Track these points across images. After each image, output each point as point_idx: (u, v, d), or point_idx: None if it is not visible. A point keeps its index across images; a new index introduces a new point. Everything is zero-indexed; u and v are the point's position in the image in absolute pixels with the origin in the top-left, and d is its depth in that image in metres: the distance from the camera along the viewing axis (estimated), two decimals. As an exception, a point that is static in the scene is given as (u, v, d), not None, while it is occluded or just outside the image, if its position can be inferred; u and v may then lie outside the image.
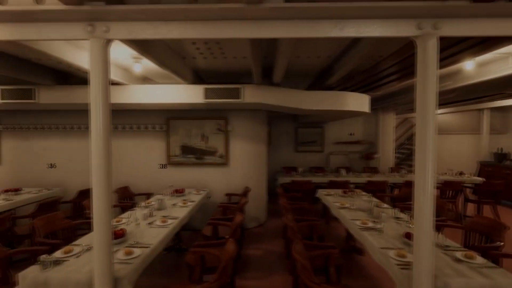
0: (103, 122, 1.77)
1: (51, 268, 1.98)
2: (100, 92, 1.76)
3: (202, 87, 4.10)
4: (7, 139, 5.24)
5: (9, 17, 1.70)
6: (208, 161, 5.14)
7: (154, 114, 5.14)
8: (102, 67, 1.77)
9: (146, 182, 5.14)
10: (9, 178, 5.18)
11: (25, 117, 5.18)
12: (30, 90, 4.15)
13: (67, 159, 5.19)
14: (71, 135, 5.18)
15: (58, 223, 3.16)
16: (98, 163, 1.79)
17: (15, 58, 3.34)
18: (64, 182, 5.14)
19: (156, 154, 5.17)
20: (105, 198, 1.83)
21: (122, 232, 2.50)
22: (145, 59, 3.33)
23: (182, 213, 3.37)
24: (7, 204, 3.92)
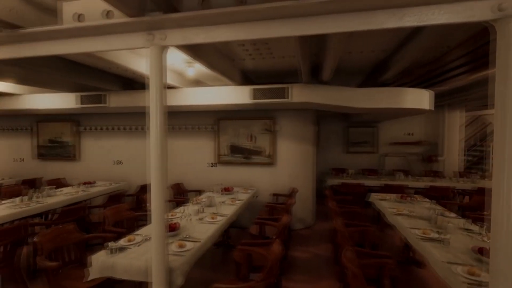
0: (160, 122, 1.91)
1: (117, 254, 2.22)
2: (157, 95, 1.91)
3: (250, 87, 4.17)
4: (85, 138, 6.06)
5: (85, 33, 1.95)
6: (255, 160, 5.20)
7: (205, 115, 5.40)
8: (159, 72, 1.91)
9: (197, 180, 5.43)
10: (86, 172, 5.98)
11: (98, 119, 5.93)
12: (102, 96, 4.73)
13: (131, 156, 5.78)
14: (134, 135, 5.76)
15: (123, 214, 3.54)
16: (155, 161, 1.93)
17: (90, 68, 3.84)
18: (128, 177, 5.74)
19: (206, 153, 5.43)
20: (161, 194, 1.98)
21: (176, 225, 2.68)
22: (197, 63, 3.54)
23: (230, 211, 3.47)
24: (84, 195, 4.53)
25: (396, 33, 2.88)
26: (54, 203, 4.00)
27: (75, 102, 4.88)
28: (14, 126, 6.47)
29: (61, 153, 6.15)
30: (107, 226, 3.18)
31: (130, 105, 4.71)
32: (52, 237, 2.61)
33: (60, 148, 6.15)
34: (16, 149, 6.48)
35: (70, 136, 6.06)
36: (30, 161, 6.37)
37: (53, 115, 6.09)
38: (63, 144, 6.12)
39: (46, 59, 3.17)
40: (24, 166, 6.41)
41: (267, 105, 4.49)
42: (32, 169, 6.32)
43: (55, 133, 6.17)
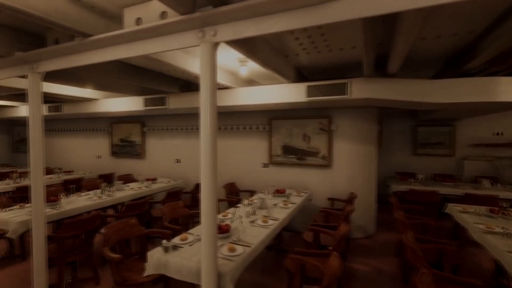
0: (211, 121, 1.85)
1: (170, 253, 2.25)
2: (208, 94, 1.84)
3: (305, 84, 3.92)
4: (149, 138, 6.59)
5: (143, 35, 2.00)
6: (310, 162, 4.92)
7: (257, 114, 5.34)
8: (211, 70, 1.85)
9: (250, 180, 5.40)
10: (150, 169, 6.50)
11: (160, 120, 6.38)
12: (163, 98, 5.04)
13: (188, 155, 6.06)
14: (191, 135, 6.02)
15: (179, 211, 3.67)
16: (206, 160, 1.88)
17: (153, 72, 4.09)
18: (186, 175, 6.03)
19: (259, 153, 5.35)
20: (211, 194, 1.91)
21: (227, 227, 2.62)
22: (250, 61, 3.46)
23: (282, 215, 3.30)
24: (147, 191, 4.89)
25: (489, 8, 2.32)
26: (122, 197, 4.39)
27: (140, 105, 5.30)
28: (94, 127, 7.41)
29: (130, 151, 6.81)
30: (164, 222, 3.33)
31: (187, 106, 4.90)
32: (116, 230, 2.81)
33: (129, 147, 6.81)
34: (96, 147, 7.41)
35: (137, 136, 6.67)
36: (107, 158, 7.21)
37: (123, 117, 6.78)
38: (132, 143, 6.76)
39: (114, 66, 3.47)
40: (102, 162, 7.29)
41: (323, 103, 4.18)
42: (108, 165, 7.15)
43: (125, 133, 6.85)
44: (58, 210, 3.52)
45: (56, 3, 1.93)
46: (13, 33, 2.53)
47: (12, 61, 2.66)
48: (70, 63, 2.45)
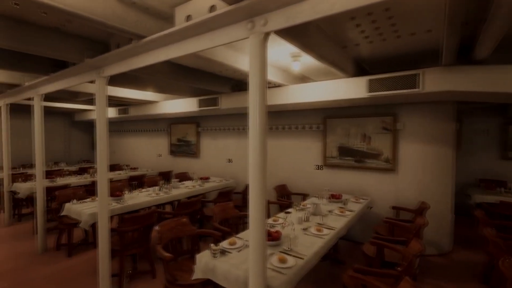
0: (260, 120, 1.68)
1: (218, 257, 2.16)
2: (257, 90, 1.69)
3: (366, 78, 3.50)
4: (203, 138, 6.82)
5: (192, 32, 1.95)
6: (370, 165, 4.42)
7: (310, 113, 5.03)
8: (260, 64, 1.68)
9: (302, 182, 5.13)
10: (204, 168, 6.71)
11: (213, 121, 6.53)
12: (215, 99, 5.11)
13: (240, 155, 6.07)
14: (243, 135, 6.01)
15: (229, 212, 3.62)
16: (255, 161, 1.72)
17: (204, 73, 4.14)
18: (237, 175, 6.04)
19: (312, 155, 5.04)
20: (260, 198, 1.75)
21: (277, 235, 2.43)
22: (304, 56, 3.21)
23: (339, 224, 2.97)
24: (200, 189, 5.01)
25: None
26: (177, 194, 4.57)
27: (195, 106, 5.48)
28: (155, 127, 8.00)
29: (186, 151, 7.15)
30: (214, 223, 3.30)
31: (238, 106, 4.87)
32: (169, 228, 2.87)
33: (185, 146, 7.15)
34: (157, 146, 8.00)
35: (192, 136, 6.95)
36: (166, 157, 7.71)
37: (181, 118, 7.15)
38: (188, 142, 7.08)
39: (169, 68, 3.58)
40: (162, 160, 7.82)
41: (387, 99, 3.69)
42: (167, 163, 7.64)
43: (182, 133, 7.22)
44: (121, 204, 3.80)
45: (114, 8, 2.00)
46: (83, 41, 2.76)
47: (83, 68, 2.92)
48: (129, 66, 2.56)
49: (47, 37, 2.52)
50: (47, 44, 2.55)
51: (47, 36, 2.52)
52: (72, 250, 4.07)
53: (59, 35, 2.58)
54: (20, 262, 3.82)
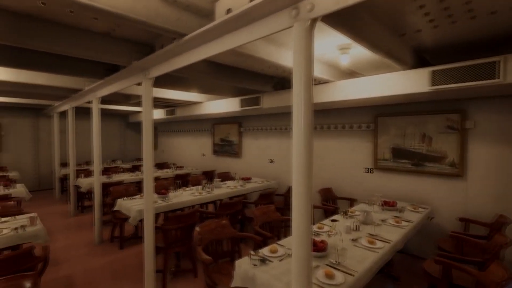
0: (305, 118, 1.50)
1: (259, 266, 2.02)
2: (302, 86, 1.50)
3: (427, 70, 3.05)
4: (245, 138, 6.79)
5: (231, 26, 1.84)
6: (431, 169, 3.88)
7: (359, 111, 4.63)
8: (306, 56, 1.49)
9: (349, 186, 4.75)
10: (246, 168, 6.68)
11: (255, 121, 6.45)
12: (257, 98, 5.01)
13: (282, 156, 5.88)
14: (285, 135, 5.82)
15: (270, 215, 3.47)
16: (299, 164, 1.54)
17: (246, 71, 4.05)
18: (279, 176, 5.87)
19: (361, 156, 4.63)
20: (305, 202, 1.55)
21: (323, 245, 2.21)
22: (354, 47, 2.91)
23: (395, 236, 2.61)
24: (242, 190, 4.95)
25: None
26: (219, 194, 4.57)
27: (237, 106, 5.46)
28: (200, 128, 8.25)
29: (228, 150, 7.21)
30: (255, 226, 3.18)
31: (280, 105, 4.70)
32: (210, 229, 2.82)
33: (228, 146, 7.22)
34: (201, 146, 8.23)
35: (235, 135, 6.98)
36: (210, 156, 7.89)
37: (223, 118, 7.24)
38: (230, 142, 7.13)
39: (210, 67, 3.57)
40: (206, 160, 8.03)
41: (454, 93, 3.17)
42: (210, 162, 7.81)
43: (225, 133, 7.30)
44: (166, 202, 3.91)
45: (156, 8, 1.99)
46: (131, 45, 2.87)
47: (131, 70, 3.04)
48: (172, 66, 2.58)
49: (100, 42, 2.67)
50: (101, 48, 2.69)
51: (100, 41, 2.66)
52: (123, 243, 4.34)
53: (110, 39, 2.71)
54: (80, 251, 4.18)
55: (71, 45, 2.48)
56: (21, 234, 2.71)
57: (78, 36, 2.51)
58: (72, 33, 2.47)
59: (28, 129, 8.44)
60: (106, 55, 2.72)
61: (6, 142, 8.09)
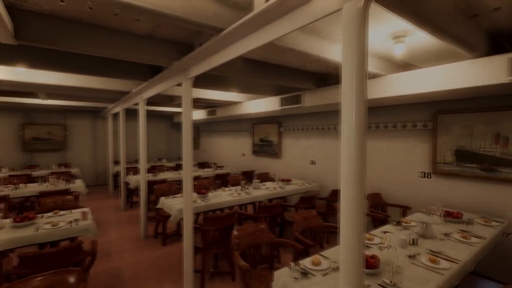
0: (357, 117, 1.27)
1: (300, 280, 1.83)
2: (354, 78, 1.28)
3: (507, 57, 2.53)
4: (285, 138, 6.59)
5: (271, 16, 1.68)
6: (507, 175, 3.27)
7: (414, 108, 4.12)
8: (358, 43, 1.27)
9: (401, 192, 4.26)
10: (285, 169, 6.49)
11: (296, 120, 6.22)
12: (298, 96, 4.78)
13: (324, 157, 5.56)
14: (327, 135, 5.48)
15: (312, 221, 3.24)
16: (349, 167, 1.32)
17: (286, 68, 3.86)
18: (321, 178, 5.56)
19: (415, 159, 4.12)
20: (356, 210, 1.33)
21: (374, 260, 1.93)
22: (411, 35, 2.55)
23: (463, 255, 2.20)
24: (281, 192, 4.77)
25: None
26: (257, 196, 4.45)
27: (277, 105, 5.29)
28: (239, 128, 8.26)
29: (267, 151, 7.08)
30: (295, 232, 2.98)
31: (323, 103, 4.41)
32: (248, 233, 2.71)
33: (267, 146, 7.09)
34: (241, 146, 8.24)
35: (274, 136, 6.82)
36: (249, 156, 7.86)
37: (263, 118, 7.13)
38: (270, 142, 7.00)
39: (249, 66, 3.45)
40: (245, 159, 8.01)
41: (542, 84, 2.60)
42: (250, 162, 7.77)
43: (264, 133, 7.18)
44: (205, 202, 3.91)
45: (193, 4, 1.93)
46: (171, 45, 2.89)
47: (171, 71, 3.07)
48: (211, 64, 2.51)
49: (142, 44, 2.73)
50: (143, 50, 2.75)
51: (143, 43, 2.72)
52: (165, 239, 4.47)
53: (152, 41, 2.76)
54: (127, 245, 4.41)
55: (117, 47, 2.57)
56: (74, 227, 2.90)
57: (123, 39, 2.59)
58: (117, 36, 2.56)
59: (88, 130, 9.34)
60: (149, 56, 2.77)
61: (70, 141, 9.05)
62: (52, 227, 2.83)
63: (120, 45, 2.57)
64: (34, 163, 8.38)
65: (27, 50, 2.99)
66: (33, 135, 8.42)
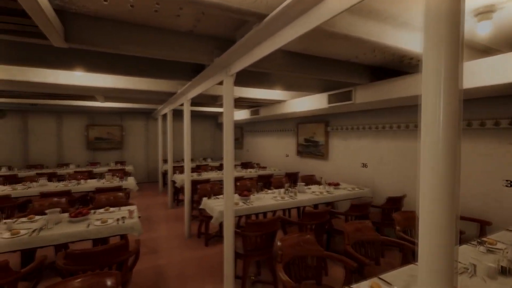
0: (446, 112, 0.93)
1: (355, 310, 1.52)
2: (442, 58, 0.94)
3: None
4: (332, 138, 6.13)
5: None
6: None
7: (495, 103, 3.40)
8: (451, 12, 0.93)
9: (478, 203, 3.56)
10: (333, 172, 6.03)
11: (345, 119, 5.72)
12: (348, 92, 4.34)
13: (377, 160, 4.99)
14: (382, 135, 4.91)
15: (366, 233, 2.83)
16: (434, 172, 0.99)
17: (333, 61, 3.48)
18: (374, 183, 5.00)
19: (498, 165, 3.39)
20: (444, 229, 0.99)
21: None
22: (500, 9, 2.02)
23: None
24: (329, 197, 4.38)
25: None
26: (302, 200, 4.15)
27: (324, 102, 4.91)
28: (283, 127, 7.99)
29: (313, 151, 6.68)
30: (346, 246, 2.63)
31: (378, 99, 3.91)
32: (292, 244, 2.45)
33: (313, 147, 6.69)
34: (284, 146, 7.97)
35: (321, 136, 6.40)
36: (293, 157, 7.54)
37: (308, 117, 6.76)
38: (316, 143, 6.59)
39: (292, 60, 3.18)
40: (289, 160, 7.72)
41: None
42: (294, 163, 7.45)
43: (310, 133, 6.80)
44: (247, 205, 3.75)
45: (233, -11, 1.74)
46: (212, 41, 2.77)
47: (213, 69, 2.96)
48: (252, 58, 2.32)
49: (183, 41, 2.65)
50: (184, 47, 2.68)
51: (183, 40, 2.65)
52: (208, 240, 4.44)
53: (192, 37, 2.68)
54: (172, 243, 4.48)
55: (158, 46, 2.53)
56: (121, 225, 2.96)
57: (163, 36, 2.55)
58: (158, 33, 2.52)
59: (141, 130, 10.00)
60: (189, 54, 2.69)
61: (126, 141, 9.80)
62: (102, 224, 2.93)
63: (161, 43, 2.53)
64: (96, 160, 9.25)
65: (81, 54, 3.17)
66: (95, 135, 9.31)
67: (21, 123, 8.44)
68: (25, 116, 8.48)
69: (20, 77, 3.72)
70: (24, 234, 2.62)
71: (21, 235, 2.61)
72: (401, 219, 3.13)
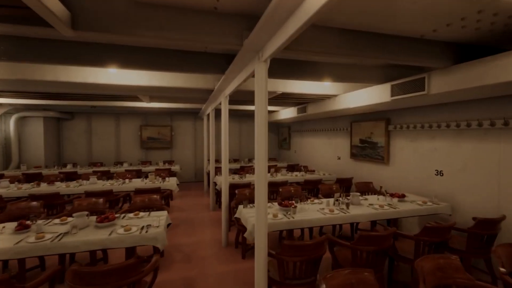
0: None
1: None
2: None
3: None
4: (395, 139, 5.10)
5: None
6: None
7: None
8: None
9: None
10: (395, 180, 5.01)
11: (411, 116, 4.68)
12: (420, 80, 3.40)
13: (458, 167, 3.88)
14: (466, 134, 3.79)
15: (452, 274, 2.01)
16: None
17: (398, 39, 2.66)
18: (453, 197, 3.91)
19: None
20: None
21: None
22: None
23: None
24: (392, 213, 3.51)
25: None
26: (357, 215, 3.38)
27: (386, 95, 4.01)
28: (334, 126, 7.12)
29: (370, 154, 5.71)
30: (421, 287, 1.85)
31: (466, 87, 2.91)
32: (343, 284, 1.79)
33: (370, 149, 5.73)
34: (336, 148, 7.10)
35: (380, 136, 5.41)
36: (346, 160, 6.64)
37: (364, 114, 5.82)
38: (374, 144, 5.62)
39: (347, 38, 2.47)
40: (341, 164, 6.83)
41: None
42: (347, 167, 6.55)
43: (366, 133, 5.84)
44: (288, 218, 3.17)
45: None
46: (240, 19, 2.26)
47: (244, 55, 2.45)
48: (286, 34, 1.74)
49: (207, 22, 2.21)
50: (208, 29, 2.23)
51: (207, 21, 2.20)
52: (245, 252, 3.98)
53: (216, 16, 2.22)
54: (209, 251, 4.14)
55: (177, 29, 2.13)
56: (143, 235, 2.68)
57: (183, 17, 2.13)
58: (176, 14, 2.12)
59: (189, 130, 10.15)
60: (213, 37, 2.24)
61: (175, 140, 10.04)
62: (124, 233, 2.68)
63: (180, 25, 2.12)
64: (149, 159, 9.66)
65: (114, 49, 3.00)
66: (148, 135, 9.73)
67: (86, 124, 9.26)
68: (89, 118, 9.28)
69: (64, 78, 3.78)
70: (47, 239, 2.50)
71: (44, 239, 2.49)
72: (506, 255, 2.18)
